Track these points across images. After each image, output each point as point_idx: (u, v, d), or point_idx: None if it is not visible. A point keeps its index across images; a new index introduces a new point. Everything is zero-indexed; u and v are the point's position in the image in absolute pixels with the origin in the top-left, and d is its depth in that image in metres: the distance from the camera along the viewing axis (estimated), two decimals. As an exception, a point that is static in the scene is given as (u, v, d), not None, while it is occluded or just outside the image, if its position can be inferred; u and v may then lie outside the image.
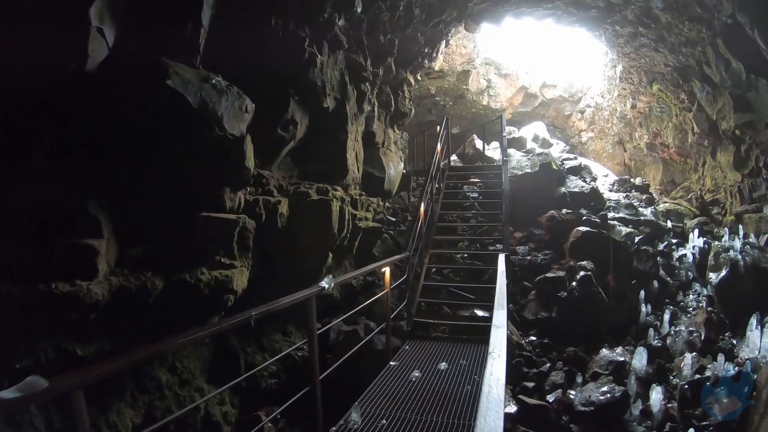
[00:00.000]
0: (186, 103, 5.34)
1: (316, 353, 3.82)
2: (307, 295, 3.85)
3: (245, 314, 2.95)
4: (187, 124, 5.52)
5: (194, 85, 5.53)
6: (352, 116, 9.49)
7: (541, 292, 8.77)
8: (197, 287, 5.81)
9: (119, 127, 4.93)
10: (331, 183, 8.76)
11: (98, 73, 4.57)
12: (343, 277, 4.78)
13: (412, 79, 12.65)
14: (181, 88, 5.32)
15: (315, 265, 7.99)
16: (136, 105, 4.94)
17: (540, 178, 12.44)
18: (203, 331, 3.26)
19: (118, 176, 5.09)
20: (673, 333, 8.35)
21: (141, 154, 5.24)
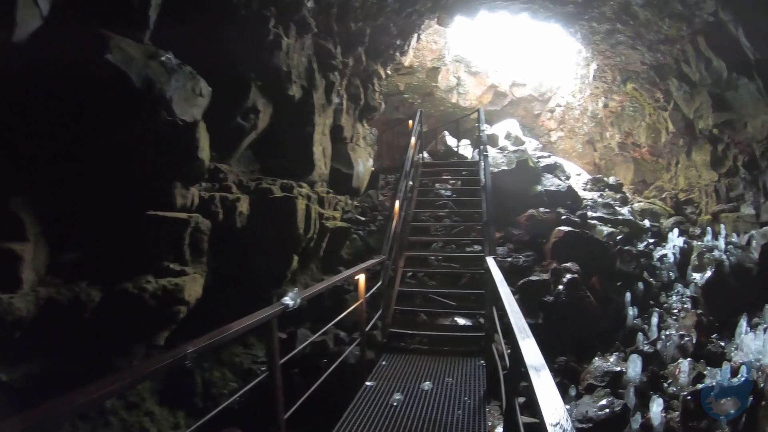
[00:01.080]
0: (128, 82, 4.62)
1: (280, 388, 3.01)
2: (266, 317, 2.97)
3: (178, 352, 2.09)
4: (130, 106, 4.79)
5: (139, 62, 4.80)
6: (320, 107, 8.72)
7: (525, 296, 8.06)
8: (141, 298, 4.99)
9: (50, 109, 4.19)
10: (296, 179, 7.96)
11: (28, 46, 3.92)
12: (312, 290, 3.93)
13: (382, 72, 11.93)
14: (122, 64, 4.61)
15: (279, 270, 7.19)
16: (70, 83, 4.22)
17: (517, 175, 11.82)
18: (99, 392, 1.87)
19: (48, 167, 4.36)
20: (664, 337, 7.73)
21: (76, 141, 4.49)
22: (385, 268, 6.70)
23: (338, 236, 8.65)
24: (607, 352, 7.43)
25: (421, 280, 8.89)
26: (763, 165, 10.35)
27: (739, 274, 8.97)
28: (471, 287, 8.22)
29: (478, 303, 7.44)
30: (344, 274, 5.15)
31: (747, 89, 9.90)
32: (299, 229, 7.12)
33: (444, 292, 8.11)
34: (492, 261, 5.35)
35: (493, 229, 7.07)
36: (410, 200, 9.64)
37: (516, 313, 2.74)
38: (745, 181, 11.08)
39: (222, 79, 6.32)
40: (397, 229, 7.76)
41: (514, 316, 2.70)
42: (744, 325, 7.79)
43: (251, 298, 6.43)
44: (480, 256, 8.22)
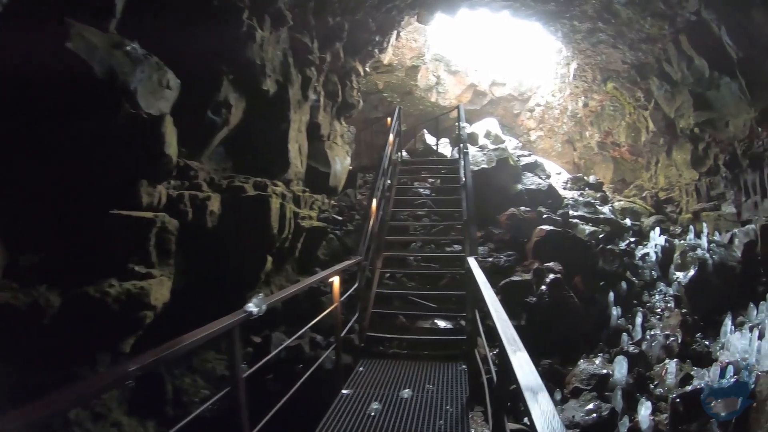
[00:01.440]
0: (89, 72, 4.37)
1: (244, 405, 2.73)
2: (226, 326, 2.67)
3: (119, 371, 1.78)
4: (91, 98, 4.52)
5: (102, 51, 4.56)
6: (296, 103, 8.46)
7: (507, 297, 7.71)
8: (104, 303, 4.70)
9: (5, 100, 3.95)
10: (270, 177, 7.68)
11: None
12: (279, 295, 3.62)
13: (361, 69, 11.69)
14: (84, 53, 4.37)
15: (252, 271, 6.91)
16: (28, 73, 3.98)
17: (497, 174, 11.62)
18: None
19: (4, 163, 4.12)
20: (649, 337, 7.62)
21: (35, 134, 4.24)
22: (362, 269, 6.47)
23: (314, 236, 8.37)
24: (591, 354, 7.28)
25: (400, 281, 8.63)
26: (744, 164, 10.31)
27: (722, 272, 8.89)
28: (451, 288, 7.99)
29: (459, 304, 7.25)
30: (316, 277, 4.88)
31: (729, 88, 9.84)
32: (273, 229, 6.84)
33: (423, 293, 7.89)
34: (473, 261, 5.12)
35: (473, 228, 6.85)
36: (388, 199, 9.42)
37: (504, 321, 2.50)
38: (726, 180, 11.05)
39: (192, 72, 6.04)
40: (375, 228, 7.54)
41: (503, 324, 2.46)
42: (729, 324, 7.71)
43: (224, 300, 6.14)
44: (460, 256, 8.02)
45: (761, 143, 9.87)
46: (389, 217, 9.21)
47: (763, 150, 9.87)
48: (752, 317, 8.03)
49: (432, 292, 7.93)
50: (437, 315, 7.39)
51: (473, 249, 6.39)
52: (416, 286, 8.46)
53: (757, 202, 10.30)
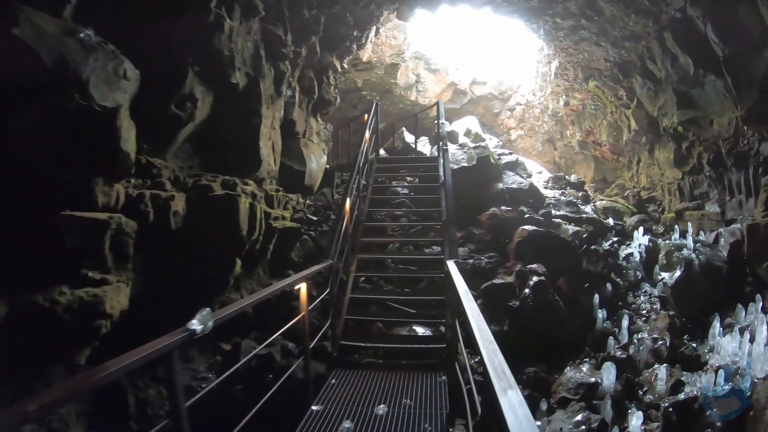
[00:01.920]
0: (37, 60, 4.07)
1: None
2: (163, 348, 2.26)
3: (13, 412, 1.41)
4: (39, 88, 4.18)
5: (52, 38, 4.23)
6: (268, 98, 8.08)
7: (489, 301, 7.52)
8: (54, 312, 4.32)
9: None
10: (241, 176, 7.32)
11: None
12: (233, 307, 3.12)
13: (338, 65, 11.34)
14: (32, 40, 4.07)
15: (221, 275, 6.53)
16: None
17: (477, 172, 11.34)
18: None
19: None
20: (637, 341, 7.34)
21: None
22: (335, 274, 6.13)
23: (287, 237, 8.00)
24: (577, 359, 6.98)
25: (376, 285, 8.27)
26: (728, 163, 10.16)
27: (708, 273, 8.65)
28: (430, 292, 7.66)
29: (439, 309, 6.92)
30: (279, 286, 4.33)
31: (713, 86, 9.67)
32: (242, 230, 6.48)
33: (401, 299, 7.45)
34: (453, 265, 4.79)
35: (453, 229, 6.49)
36: (364, 199, 9.10)
37: (490, 346, 2.09)
38: (710, 179, 10.90)
39: (155, 63, 5.70)
40: (349, 230, 7.23)
41: (488, 350, 2.04)
42: (717, 326, 7.47)
43: (191, 306, 5.81)
44: (440, 258, 7.71)
45: (746, 142, 9.72)
46: (365, 218, 8.86)
47: (748, 149, 9.72)
48: (740, 319, 7.81)
49: (410, 297, 7.51)
50: (416, 321, 7.02)
51: (453, 251, 6.06)
52: (393, 290, 8.09)
53: (742, 201, 10.16)
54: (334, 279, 6.08)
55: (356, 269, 7.57)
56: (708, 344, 7.45)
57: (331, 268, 5.97)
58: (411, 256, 8.88)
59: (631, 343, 7.37)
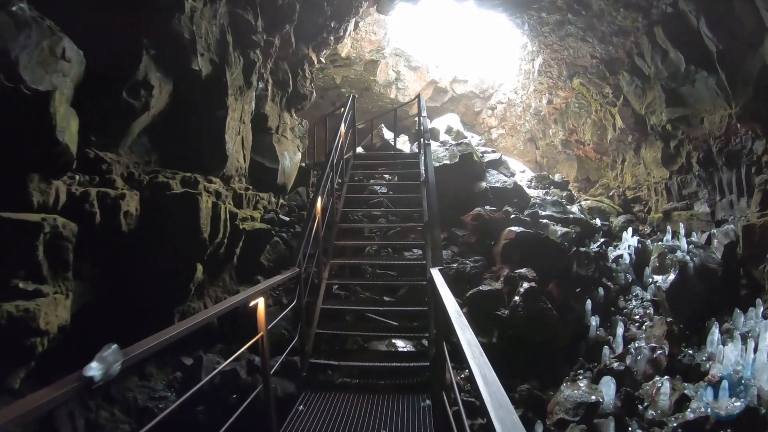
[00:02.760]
0: None
1: None
2: (43, 404, 1.56)
3: None
4: None
5: None
6: (236, 89, 7.36)
7: (476, 310, 6.79)
8: (-24, 330, 3.63)
9: None
10: (205, 173, 6.59)
11: None
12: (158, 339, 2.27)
13: (314, 58, 10.64)
14: None
15: (180, 283, 5.71)
16: None
17: (460, 171, 10.66)
18: None
19: None
20: (634, 351, 6.74)
21: None
22: (302, 283, 5.38)
23: (257, 240, 7.19)
24: (571, 371, 6.37)
25: (352, 292, 7.44)
26: (719, 162, 9.69)
27: (703, 275, 8.18)
28: (411, 301, 6.90)
29: (421, 320, 6.19)
30: (229, 304, 3.35)
31: (705, 83, 9.21)
32: (203, 232, 5.70)
33: (379, 309, 6.60)
34: (438, 274, 4.13)
35: (437, 231, 5.77)
36: (339, 198, 8.42)
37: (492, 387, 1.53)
38: (700, 179, 10.42)
39: (104, 43, 5.01)
40: (321, 232, 6.53)
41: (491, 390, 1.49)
42: (716, 332, 6.95)
43: (148, 319, 5.15)
44: (422, 263, 6.99)
45: (739, 140, 9.25)
46: (339, 218, 8.10)
47: (740, 147, 9.25)
48: (739, 324, 7.29)
49: (389, 308, 6.63)
50: (396, 335, 6.25)
51: (437, 257, 5.21)
52: (371, 299, 7.25)
53: (733, 201, 9.70)
54: (302, 289, 5.33)
55: (329, 276, 6.80)
56: (706, 351, 6.93)
57: (299, 276, 5.25)
58: (389, 261, 8.03)
59: (627, 353, 6.71)
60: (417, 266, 7.43)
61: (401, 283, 7.45)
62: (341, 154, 8.78)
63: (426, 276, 5.46)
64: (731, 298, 8.05)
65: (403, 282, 7.43)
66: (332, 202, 7.59)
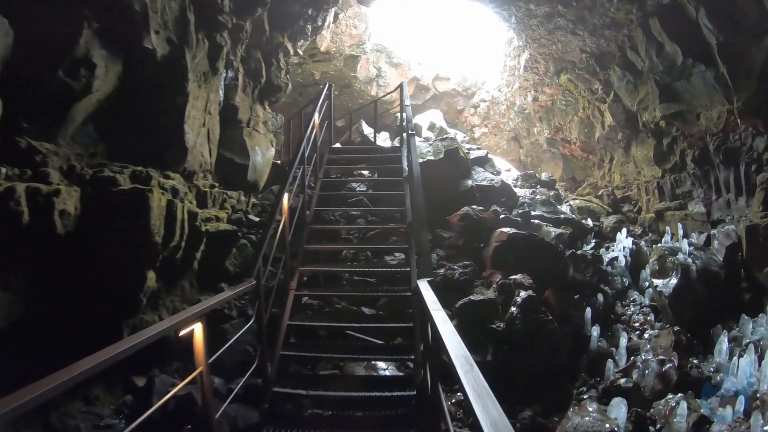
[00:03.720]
0: None
1: None
2: None
3: None
4: None
5: None
6: (199, 75, 6.50)
7: (467, 323, 5.84)
8: None
9: None
10: (162, 168, 5.73)
11: None
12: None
13: (291, 48, 9.78)
14: None
15: (129, 293, 4.85)
16: None
17: (445, 167, 9.77)
18: None
19: None
20: (641, 364, 5.98)
21: None
22: (262, 297, 4.45)
23: (221, 243, 6.33)
24: (574, 389, 5.59)
25: (326, 304, 6.42)
26: (716, 160, 9.08)
27: (705, 279, 7.48)
28: (394, 315, 5.96)
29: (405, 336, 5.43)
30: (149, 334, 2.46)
31: (702, 78, 8.58)
32: (155, 234, 4.83)
33: (355, 326, 5.52)
34: (427, 289, 3.35)
35: (424, 235, 4.69)
36: (311, 197, 7.59)
37: None
38: (695, 177, 9.78)
39: (36, 12, 4.22)
40: (288, 235, 5.59)
41: None
42: (725, 341, 6.27)
43: (94, 334, 4.37)
44: (405, 271, 6.07)
45: (738, 137, 8.63)
46: (311, 219, 7.10)
47: (740, 145, 8.63)
48: (747, 332, 6.62)
49: (369, 324, 5.62)
50: (377, 357, 5.32)
51: (424, 266, 4.27)
52: (346, 311, 6.23)
53: (731, 200, 9.09)
54: (261, 305, 4.43)
55: (298, 285, 5.83)
56: (713, 362, 6.29)
57: (257, 290, 4.36)
58: (367, 269, 6.92)
59: (634, 367, 5.94)
60: (399, 274, 6.50)
61: (382, 294, 6.48)
62: (315, 146, 7.95)
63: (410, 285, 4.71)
64: (734, 303, 7.38)
65: (384, 294, 6.44)
66: (304, 201, 6.76)
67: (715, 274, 7.64)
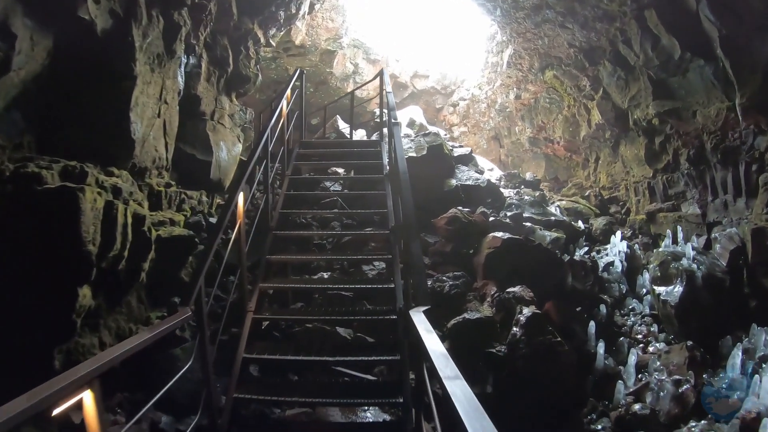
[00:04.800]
0: None
1: None
2: None
3: None
4: None
5: None
6: (153, 57, 5.53)
7: (461, 346, 4.84)
8: None
9: None
10: (105, 163, 4.86)
11: None
12: None
13: (262, 36, 8.85)
14: None
15: (57, 313, 3.92)
16: None
17: (428, 165, 8.94)
18: None
19: None
20: (655, 386, 5.18)
21: None
22: (203, 331, 3.37)
23: (175, 250, 5.38)
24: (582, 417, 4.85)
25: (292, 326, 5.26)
26: (713, 159, 8.42)
27: (711, 286, 6.79)
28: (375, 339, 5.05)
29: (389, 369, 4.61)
30: None
31: (700, 73, 7.92)
32: (87, 242, 3.92)
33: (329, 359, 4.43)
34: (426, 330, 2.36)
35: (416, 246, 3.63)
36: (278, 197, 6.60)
37: None
38: (689, 177, 9.11)
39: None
40: (244, 245, 4.70)
41: None
42: (738, 354, 5.59)
43: (19, 364, 3.54)
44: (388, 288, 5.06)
45: (738, 136, 8.00)
46: (276, 224, 6.06)
47: (739, 143, 7.97)
48: (760, 343, 5.92)
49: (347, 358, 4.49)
50: (356, 402, 4.10)
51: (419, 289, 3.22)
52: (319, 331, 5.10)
53: (728, 201, 8.43)
54: (203, 341, 3.34)
55: (257, 306, 4.74)
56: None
57: (198, 320, 3.30)
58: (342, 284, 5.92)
59: (647, 389, 5.18)
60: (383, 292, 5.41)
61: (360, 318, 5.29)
62: (283, 139, 7.04)
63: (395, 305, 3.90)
64: (741, 311, 6.74)
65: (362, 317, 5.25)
66: (268, 202, 5.83)
67: (720, 281, 6.94)
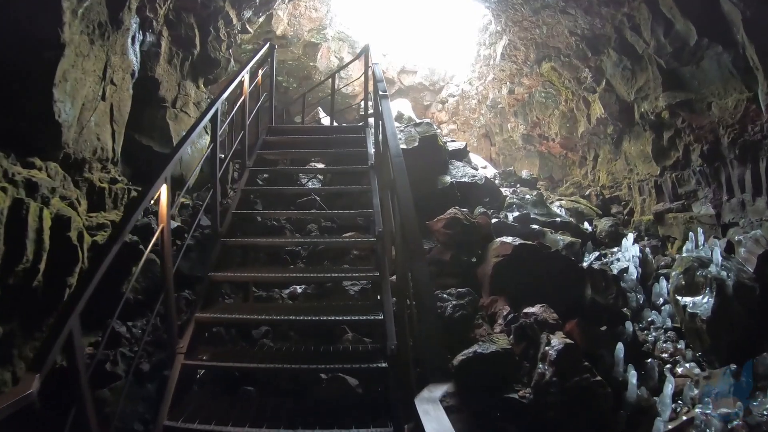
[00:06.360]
0: None
1: None
2: None
3: None
4: None
5: None
6: (91, 26, 4.40)
7: (472, 389, 3.71)
8: None
9: None
10: (26, 152, 3.86)
11: None
12: None
13: (234, 17, 7.73)
14: None
15: None
16: None
17: (420, 159, 7.72)
18: None
19: None
20: (701, 422, 4.19)
21: None
22: (83, 395, 2.40)
23: (114, 260, 4.40)
24: None
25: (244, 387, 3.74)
26: (729, 155, 7.54)
27: (741, 296, 5.83)
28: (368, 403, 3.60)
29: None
30: None
31: (717, 61, 7.03)
32: None
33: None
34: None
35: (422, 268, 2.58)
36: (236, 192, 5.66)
37: None
38: (701, 175, 8.23)
39: None
40: (170, 265, 3.55)
41: None
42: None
43: None
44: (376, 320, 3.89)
45: (759, 129, 7.20)
46: (227, 229, 4.86)
47: (761, 137, 7.17)
48: (801, 360, 5.13)
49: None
50: None
51: (430, 354, 2.08)
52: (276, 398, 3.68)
53: (746, 201, 7.59)
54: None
55: (190, 346, 3.49)
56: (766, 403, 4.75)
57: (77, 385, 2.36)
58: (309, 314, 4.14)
59: (690, 428, 4.19)
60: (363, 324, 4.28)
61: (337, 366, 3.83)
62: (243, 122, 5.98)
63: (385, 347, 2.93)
64: (766, 322, 5.75)
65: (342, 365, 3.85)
66: (215, 198, 4.78)
67: (749, 289, 5.95)
